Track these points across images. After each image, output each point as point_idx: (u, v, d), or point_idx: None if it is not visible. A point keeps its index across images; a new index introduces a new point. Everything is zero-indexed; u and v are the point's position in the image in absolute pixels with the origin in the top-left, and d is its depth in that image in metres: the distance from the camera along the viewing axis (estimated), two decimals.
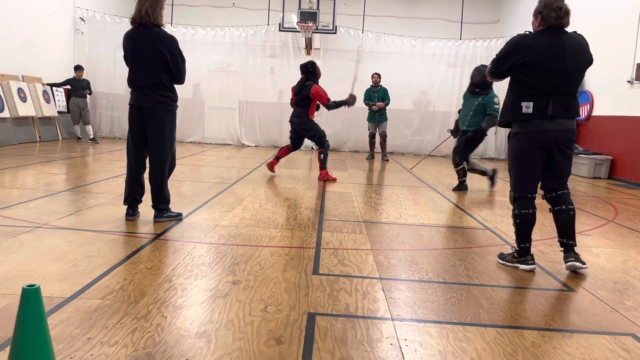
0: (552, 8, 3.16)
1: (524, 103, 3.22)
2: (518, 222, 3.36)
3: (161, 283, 2.76)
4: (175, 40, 4.07)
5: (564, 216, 3.33)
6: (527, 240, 3.37)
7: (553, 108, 3.16)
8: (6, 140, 9.97)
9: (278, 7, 13.37)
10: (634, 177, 8.75)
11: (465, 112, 6.83)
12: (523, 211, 3.33)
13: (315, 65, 7.23)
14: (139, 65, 4.03)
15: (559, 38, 3.18)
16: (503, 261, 3.49)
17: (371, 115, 11.22)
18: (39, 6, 11.32)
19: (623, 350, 2.24)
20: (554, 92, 3.17)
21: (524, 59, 3.19)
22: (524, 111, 3.22)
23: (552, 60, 3.14)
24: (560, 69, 3.15)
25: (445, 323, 2.43)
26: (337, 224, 4.48)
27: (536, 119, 3.20)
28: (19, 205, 4.51)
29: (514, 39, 3.32)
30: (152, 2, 3.97)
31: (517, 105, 3.26)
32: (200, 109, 13.70)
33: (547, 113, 3.16)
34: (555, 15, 3.16)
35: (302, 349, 2.08)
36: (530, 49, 3.19)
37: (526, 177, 3.33)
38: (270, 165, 7.51)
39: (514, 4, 14.16)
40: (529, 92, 3.22)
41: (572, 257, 3.29)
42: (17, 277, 2.73)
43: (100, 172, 7.04)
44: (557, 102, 3.16)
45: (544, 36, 3.21)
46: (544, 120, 3.19)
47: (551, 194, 3.37)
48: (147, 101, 4.03)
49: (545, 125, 3.19)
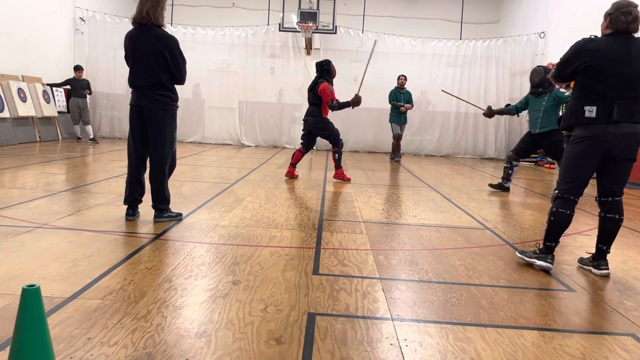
0: (622, 12, 3.13)
1: (587, 107, 3.19)
2: (553, 219, 3.33)
3: (161, 283, 2.76)
4: (175, 41, 4.08)
5: (613, 225, 3.32)
6: (555, 240, 3.35)
7: (618, 113, 3.13)
8: (6, 140, 9.97)
9: (278, 7, 13.37)
10: (634, 177, 8.74)
11: (535, 115, 6.71)
12: (561, 210, 3.30)
13: (330, 63, 7.16)
14: (139, 65, 4.03)
15: (625, 43, 3.15)
16: (522, 255, 3.48)
17: (397, 117, 11.11)
18: (39, 6, 11.32)
19: (623, 350, 2.24)
20: (618, 96, 3.14)
21: (588, 62, 3.16)
22: (587, 115, 3.19)
23: (617, 65, 3.12)
24: (625, 74, 3.12)
25: (445, 323, 2.43)
26: (337, 224, 4.48)
27: (600, 123, 3.17)
28: (19, 205, 4.51)
29: (579, 43, 3.27)
30: (153, 3, 3.98)
31: (580, 109, 3.23)
32: (200, 109, 13.71)
33: (611, 118, 3.13)
34: (624, 19, 3.13)
35: (302, 349, 2.08)
36: (594, 53, 3.16)
37: (577, 180, 3.30)
38: (290, 174, 7.30)
39: (514, 4, 14.16)
40: (592, 97, 3.19)
41: (604, 265, 3.32)
42: (17, 277, 2.73)
43: (100, 172, 7.03)
44: (621, 107, 3.13)
45: (610, 40, 3.18)
46: (608, 124, 3.15)
47: (607, 198, 3.34)
48: (147, 101, 4.04)
49: (610, 130, 3.15)
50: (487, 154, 13.40)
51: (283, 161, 9.83)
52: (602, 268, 3.31)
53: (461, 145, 13.51)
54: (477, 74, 13.31)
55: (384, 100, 11.56)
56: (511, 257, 3.64)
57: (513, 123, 13.36)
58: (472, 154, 13.53)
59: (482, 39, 13.46)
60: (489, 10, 14.92)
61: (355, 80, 13.44)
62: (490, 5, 14.92)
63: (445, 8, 14.73)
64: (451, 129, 13.44)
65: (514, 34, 13.41)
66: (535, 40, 12.73)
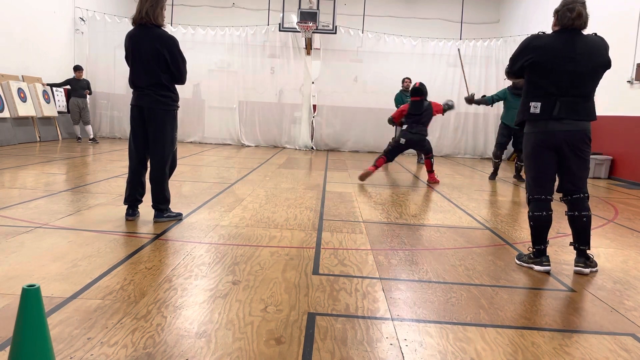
0: (568, 8, 3.16)
1: (532, 103, 3.23)
2: (532, 224, 3.35)
3: (161, 283, 2.76)
4: (175, 41, 4.08)
5: (577, 222, 3.32)
6: (542, 242, 3.35)
7: (559, 109, 3.15)
8: (6, 140, 9.97)
9: (278, 7, 13.37)
10: (634, 177, 8.75)
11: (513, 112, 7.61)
12: (536, 213, 3.31)
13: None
14: (139, 65, 4.04)
15: (571, 39, 3.16)
16: (520, 262, 3.49)
17: None
18: (39, 6, 11.32)
19: (623, 350, 2.24)
20: (562, 93, 3.16)
21: (533, 59, 3.19)
22: (532, 111, 3.23)
23: (562, 62, 3.13)
24: (570, 71, 3.13)
25: (445, 323, 2.43)
26: (337, 224, 4.48)
27: (542, 120, 3.20)
28: (19, 205, 4.51)
29: (526, 39, 3.31)
30: (153, 3, 3.99)
31: (526, 105, 3.27)
32: (200, 109, 13.70)
33: (552, 114, 3.16)
34: (569, 16, 3.15)
35: (302, 349, 2.08)
36: (539, 49, 3.19)
37: (539, 177, 3.31)
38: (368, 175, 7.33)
39: (514, 4, 14.16)
40: (537, 92, 3.22)
41: (580, 263, 3.31)
42: (17, 277, 2.73)
43: (100, 172, 7.03)
44: (564, 104, 3.15)
45: (557, 37, 3.21)
46: (549, 120, 3.18)
47: (567, 197, 3.35)
48: (148, 102, 4.04)
49: (551, 126, 3.18)
50: (487, 154, 13.38)
51: (283, 161, 9.83)
52: (578, 265, 3.31)
53: (461, 145, 13.51)
54: (477, 74, 13.31)
55: (384, 100, 11.55)
56: (511, 257, 3.64)
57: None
58: (472, 154, 13.53)
59: (482, 39, 13.46)
60: (489, 10, 14.92)
61: (355, 81, 13.50)
62: (490, 5, 14.92)
63: (445, 8, 14.72)
64: (451, 129, 13.44)
65: (514, 34, 13.41)
66: None
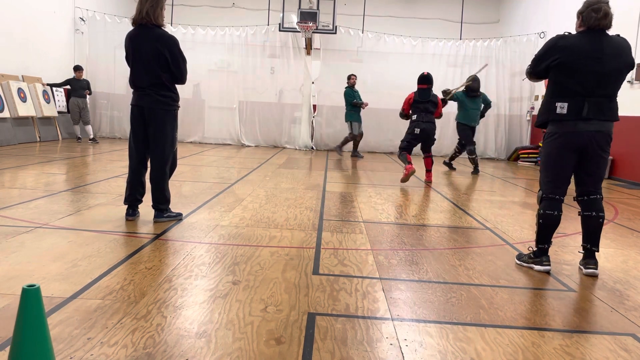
0: (593, 9, 3.15)
1: (558, 103, 3.21)
2: (541, 221, 3.34)
3: (161, 283, 2.76)
4: (175, 41, 4.08)
5: (592, 223, 3.31)
6: (547, 241, 3.35)
7: (588, 110, 3.14)
8: (6, 140, 9.97)
9: (278, 7, 13.37)
10: (634, 177, 8.75)
11: (475, 112, 9.08)
12: (548, 212, 3.30)
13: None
14: (140, 65, 4.05)
15: (598, 40, 3.16)
16: (520, 262, 3.49)
17: (358, 115, 11.47)
18: (39, 6, 11.32)
19: (623, 350, 2.24)
20: (589, 94, 3.15)
21: (560, 59, 3.18)
22: (558, 111, 3.21)
23: (589, 62, 3.13)
24: (597, 71, 3.13)
25: (445, 323, 2.43)
26: (337, 224, 4.48)
27: (570, 120, 3.18)
28: (19, 205, 4.51)
29: (552, 39, 3.29)
30: (153, 3, 3.99)
31: (552, 106, 3.25)
32: (200, 109, 13.70)
33: (581, 114, 3.15)
34: (595, 16, 3.14)
35: (302, 349, 2.08)
36: (566, 50, 3.17)
37: (556, 178, 3.30)
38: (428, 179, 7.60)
39: (514, 4, 14.16)
40: (564, 93, 3.21)
41: (592, 264, 3.30)
42: (17, 277, 2.73)
43: (100, 172, 7.03)
44: (592, 104, 3.15)
45: (582, 37, 3.19)
46: (578, 121, 3.17)
47: (583, 197, 3.34)
48: (148, 102, 4.05)
49: (580, 127, 3.17)
50: (487, 154, 13.39)
51: (283, 161, 9.83)
52: (589, 267, 3.30)
53: None
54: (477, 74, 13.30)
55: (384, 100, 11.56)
56: (511, 257, 3.64)
57: (513, 123, 13.35)
58: None
59: (482, 39, 13.45)
60: (489, 10, 14.92)
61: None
62: (490, 5, 14.91)
63: (445, 8, 14.72)
64: (451, 129, 13.40)
65: (514, 34, 13.41)
66: (535, 40, 12.72)
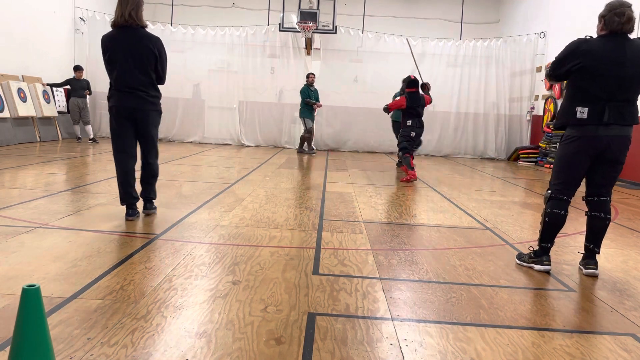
0: (616, 13, 3.11)
1: (578, 108, 3.18)
2: (547, 220, 3.33)
3: (161, 283, 2.76)
4: (161, 41, 4.29)
5: (599, 224, 3.30)
6: (550, 240, 3.35)
7: (609, 115, 3.12)
8: (6, 140, 9.97)
9: (278, 7, 13.37)
10: (634, 177, 8.75)
11: None
12: (555, 211, 3.29)
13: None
14: (132, 65, 4.13)
15: (620, 44, 3.13)
16: (520, 261, 3.48)
17: (310, 113, 11.86)
18: (39, 6, 11.32)
19: (623, 350, 2.24)
20: (610, 98, 3.12)
21: (582, 64, 3.14)
22: (579, 116, 3.17)
23: (611, 67, 3.10)
24: (619, 76, 3.10)
25: (445, 323, 2.43)
26: (337, 224, 4.48)
27: (591, 125, 3.15)
28: (19, 205, 4.51)
29: (574, 43, 3.24)
30: (134, 5, 4.09)
31: (572, 110, 3.21)
32: (200, 109, 13.70)
33: (602, 119, 3.12)
34: (618, 20, 3.11)
35: (302, 349, 2.08)
36: (588, 54, 3.14)
37: (569, 180, 3.29)
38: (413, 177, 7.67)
39: (514, 4, 14.16)
40: (585, 97, 3.17)
41: (592, 265, 3.30)
42: (17, 277, 2.73)
43: (100, 172, 7.03)
44: (613, 109, 3.12)
45: (605, 42, 3.16)
46: (599, 126, 3.14)
47: (593, 197, 3.33)
48: (141, 103, 4.19)
49: (600, 132, 3.14)
50: (487, 154, 13.40)
51: (283, 161, 9.83)
52: (589, 267, 3.30)
53: (461, 145, 13.51)
54: (477, 74, 13.31)
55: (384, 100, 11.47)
56: (511, 257, 3.64)
57: (513, 123, 13.36)
58: (472, 154, 13.52)
59: (482, 39, 13.46)
60: (489, 10, 14.92)
61: (355, 81, 13.50)
62: (490, 5, 14.92)
63: (445, 8, 14.72)
64: (451, 129, 13.44)
65: (514, 34, 13.41)
66: (535, 40, 12.73)
